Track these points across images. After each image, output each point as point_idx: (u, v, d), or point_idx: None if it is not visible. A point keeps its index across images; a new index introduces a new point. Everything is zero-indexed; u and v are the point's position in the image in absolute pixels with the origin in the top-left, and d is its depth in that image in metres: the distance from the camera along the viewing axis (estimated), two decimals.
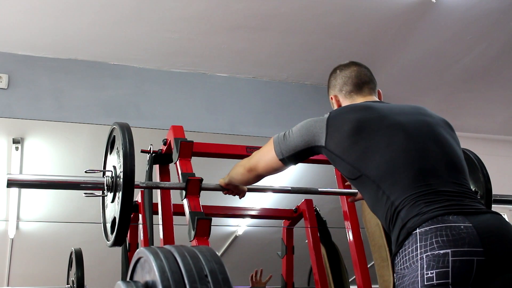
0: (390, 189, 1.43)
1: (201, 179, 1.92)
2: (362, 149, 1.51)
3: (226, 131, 3.59)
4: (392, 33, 3.54)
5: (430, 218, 1.31)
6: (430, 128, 1.56)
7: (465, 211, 1.33)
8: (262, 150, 1.77)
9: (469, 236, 1.27)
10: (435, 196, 1.38)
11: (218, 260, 1.10)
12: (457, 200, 1.38)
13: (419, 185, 1.40)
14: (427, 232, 1.29)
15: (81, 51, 3.45)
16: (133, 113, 3.45)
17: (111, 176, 1.78)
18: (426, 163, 1.45)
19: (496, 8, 3.33)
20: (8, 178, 1.76)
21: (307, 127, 1.65)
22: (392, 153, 1.47)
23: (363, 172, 1.49)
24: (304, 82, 3.97)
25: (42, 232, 3.42)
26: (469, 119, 4.58)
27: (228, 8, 3.21)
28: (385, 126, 1.52)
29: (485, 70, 3.95)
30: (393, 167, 1.45)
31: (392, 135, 1.50)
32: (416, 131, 1.52)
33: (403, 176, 1.43)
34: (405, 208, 1.38)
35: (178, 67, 3.67)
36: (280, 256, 2.76)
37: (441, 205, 1.35)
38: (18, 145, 3.22)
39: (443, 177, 1.43)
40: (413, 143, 1.49)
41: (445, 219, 1.30)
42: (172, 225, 2.14)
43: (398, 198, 1.41)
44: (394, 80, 4.04)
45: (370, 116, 1.56)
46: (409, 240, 1.32)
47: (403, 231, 1.35)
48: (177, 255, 1.08)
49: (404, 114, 1.58)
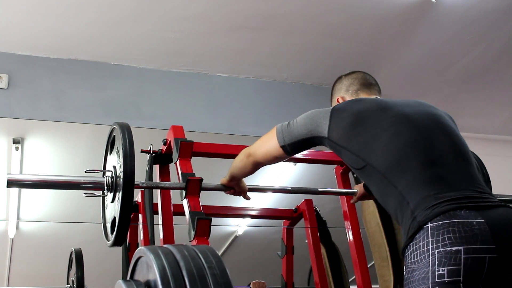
0: (397, 179, 1.41)
1: (201, 179, 1.92)
2: (366, 139, 1.50)
3: (226, 131, 3.59)
4: (392, 33, 3.54)
5: (442, 212, 1.29)
6: (436, 118, 1.55)
7: (477, 206, 1.31)
8: (264, 137, 1.77)
9: (481, 232, 1.25)
10: (445, 187, 1.36)
11: (218, 259, 1.10)
12: (468, 192, 1.36)
13: (427, 175, 1.38)
14: (439, 227, 1.27)
15: (81, 51, 3.45)
16: (133, 113, 3.45)
17: (111, 176, 1.78)
18: (434, 153, 1.43)
19: (496, 8, 3.33)
20: (8, 178, 1.76)
21: (312, 117, 1.65)
22: (399, 142, 1.45)
23: (368, 162, 1.48)
24: (304, 82, 3.97)
25: (42, 232, 3.42)
26: (469, 119, 4.57)
27: (228, 8, 3.21)
28: (390, 116, 1.51)
29: (485, 70, 3.95)
30: (400, 157, 1.43)
31: (397, 124, 1.49)
32: (422, 121, 1.51)
33: (411, 165, 1.41)
34: (414, 199, 1.36)
35: (178, 67, 3.67)
36: (280, 256, 2.76)
37: (452, 197, 1.33)
38: (18, 145, 3.22)
39: (451, 167, 1.41)
40: (420, 132, 1.47)
41: (457, 214, 1.28)
42: (172, 225, 2.14)
43: (406, 188, 1.39)
44: (394, 80, 4.04)
45: (373, 108, 1.56)
46: (420, 234, 1.29)
47: (414, 224, 1.33)
48: (177, 254, 1.08)
49: (409, 106, 1.57)
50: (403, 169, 1.41)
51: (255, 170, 1.84)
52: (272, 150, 1.71)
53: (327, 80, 3.93)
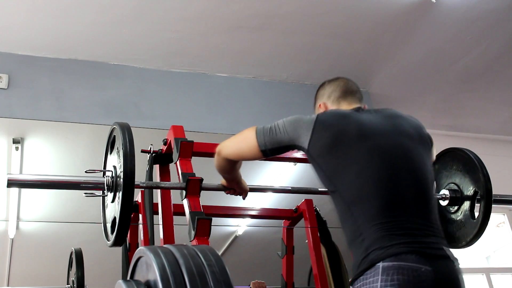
0: (358, 215, 1.49)
1: (201, 179, 1.92)
2: (339, 166, 1.55)
3: (226, 131, 3.58)
4: (392, 33, 3.54)
5: (394, 254, 1.38)
6: (406, 153, 1.58)
7: (428, 254, 1.41)
8: (238, 137, 1.76)
9: (427, 279, 1.36)
10: (400, 230, 1.43)
11: (218, 259, 1.10)
12: (421, 237, 1.44)
13: (386, 217, 1.45)
14: (389, 267, 1.37)
15: (81, 51, 3.45)
16: (133, 113, 3.45)
17: (111, 176, 1.78)
18: (396, 196, 1.49)
19: (496, 8, 3.33)
20: (8, 178, 1.76)
21: (295, 126, 1.66)
22: (366, 179, 1.51)
23: (338, 189, 1.55)
24: (304, 82, 3.97)
25: (42, 232, 3.42)
26: (469, 119, 4.58)
27: (228, 8, 3.21)
28: (365, 148, 1.55)
29: (485, 70, 3.96)
30: (364, 193, 1.49)
31: (369, 159, 1.53)
32: (392, 159, 1.55)
33: (372, 205, 1.47)
34: (370, 238, 1.44)
35: (178, 67, 3.67)
36: (280, 256, 2.76)
37: (405, 241, 1.41)
38: (18, 145, 3.21)
39: (411, 211, 1.48)
40: (387, 171, 1.52)
41: (408, 257, 1.37)
42: (172, 225, 2.14)
43: (364, 225, 1.46)
44: (394, 80, 4.04)
45: (353, 132, 1.58)
46: (372, 271, 1.39)
47: (366, 260, 1.41)
48: (177, 254, 1.08)
49: (385, 135, 1.60)
50: (365, 206, 1.48)
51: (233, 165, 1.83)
52: (249, 151, 1.71)
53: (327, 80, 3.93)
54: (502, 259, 4.74)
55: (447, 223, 2.34)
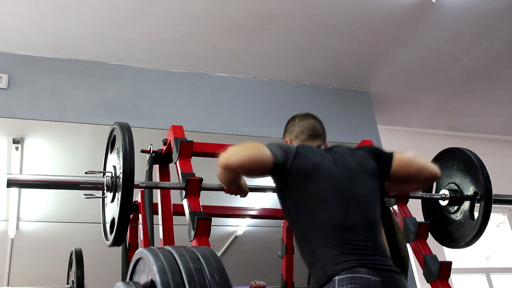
0: (314, 240, 1.70)
1: (201, 179, 1.92)
2: (306, 199, 1.75)
3: (226, 131, 3.58)
4: (392, 33, 3.54)
5: (347, 268, 1.60)
6: (356, 191, 1.78)
7: (376, 267, 1.63)
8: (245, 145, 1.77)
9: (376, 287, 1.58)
10: (352, 251, 1.66)
11: (218, 260, 1.10)
12: (370, 255, 1.66)
13: (339, 240, 1.67)
14: (343, 279, 1.59)
15: (81, 51, 3.45)
16: (133, 113, 3.45)
17: (111, 176, 1.78)
18: (347, 221, 1.72)
19: (496, 8, 3.34)
20: (8, 178, 1.76)
21: (286, 145, 1.82)
22: (324, 213, 1.72)
23: (301, 221, 1.74)
24: (304, 82, 3.97)
25: (42, 232, 3.42)
26: (469, 119, 4.58)
27: (228, 8, 3.21)
28: (322, 183, 1.75)
29: (485, 70, 3.96)
30: (321, 224, 1.71)
31: (328, 196, 1.75)
32: (346, 196, 1.76)
33: (326, 230, 1.70)
34: (325, 258, 1.65)
35: (178, 67, 3.68)
36: (280, 256, 2.75)
37: (356, 258, 1.63)
38: (18, 145, 3.21)
39: (360, 235, 1.71)
40: (342, 206, 1.74)
41: (359, 270, 1.59)
42: (172, 225, 2.14)
43: (319, 248, 1.68)
44: (394, 80, 4.04)
45: (320, 167, 1.77)
46: (329, 285, 1.60)
47: (324, 276, 1.62)
48: (176, 255, 1.08)
49: (334, 172, 1.79)
50: (320, 234, 1.70)
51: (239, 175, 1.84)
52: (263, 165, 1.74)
53: (327, 80, 3.93)
54: (502, 259, 4.75)
55: (446, 222, 2.34)
